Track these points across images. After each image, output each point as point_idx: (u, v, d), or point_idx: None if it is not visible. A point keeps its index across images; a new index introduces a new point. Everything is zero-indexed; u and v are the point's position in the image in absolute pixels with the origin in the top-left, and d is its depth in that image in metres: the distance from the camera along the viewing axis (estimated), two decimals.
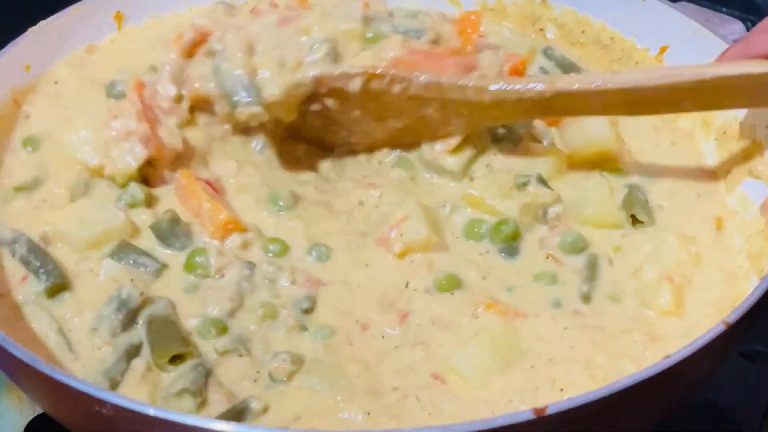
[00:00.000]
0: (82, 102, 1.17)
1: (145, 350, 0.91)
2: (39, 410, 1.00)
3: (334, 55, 1.06)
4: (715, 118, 1.14)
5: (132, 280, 0.96)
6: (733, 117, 1.11)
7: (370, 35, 1.10)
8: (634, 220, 1.05)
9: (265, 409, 0.86)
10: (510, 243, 1.01)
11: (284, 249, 1.01)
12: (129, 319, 0.92)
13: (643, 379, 0.76)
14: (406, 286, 0.97)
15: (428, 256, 1.00)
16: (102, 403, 0.75)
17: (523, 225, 1.03)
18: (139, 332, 0.92)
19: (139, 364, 0.89)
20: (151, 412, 0.74)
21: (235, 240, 1.00)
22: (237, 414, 0.86)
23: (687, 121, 1.17)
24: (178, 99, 1.09)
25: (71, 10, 1.24)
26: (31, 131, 1.14)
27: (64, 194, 1.05)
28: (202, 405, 0.86)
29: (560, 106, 1.02)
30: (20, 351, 0.80)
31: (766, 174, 1.04)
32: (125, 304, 0.92)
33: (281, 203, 1.05)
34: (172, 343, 0.90)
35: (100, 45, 1.27)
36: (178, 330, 0.92)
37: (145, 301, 0.94)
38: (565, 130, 1.13)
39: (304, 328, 0.94)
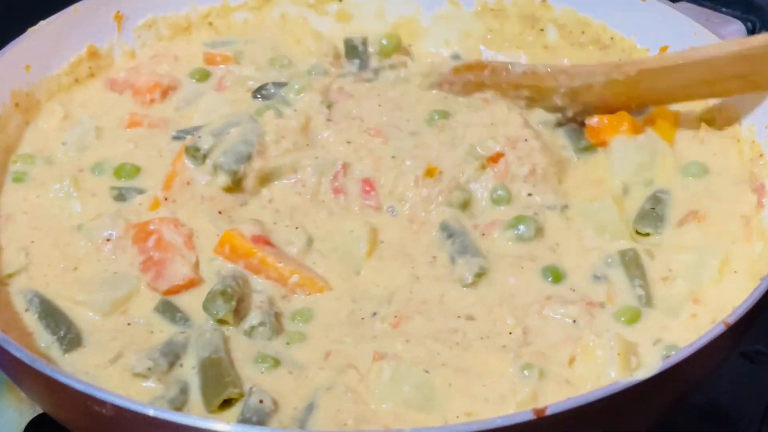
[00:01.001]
0: None
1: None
2: (39, 410, 0.99)
3: None
4: (716, 120, 1.14)
5: None
6: (734, 117, 1.11)
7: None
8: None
9: None
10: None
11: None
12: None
13: (643, 379, 0.76)
14: None
15: None
16: (102, 403, 0.75)
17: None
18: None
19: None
20: (151, 412, 0.74)
21: None
22: None
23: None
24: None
25: (71, 10, 1.24)
26: None
27: None
28: None
29: (646, 87, 1.09)
30: (20, 351, 0.80)
31: (765, 173, 1.04)
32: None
33: None
34: (221, 388, 0.86)
35: None
36: (228, 369, 0.88)
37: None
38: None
39: None
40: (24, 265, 1.01)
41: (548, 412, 0.73)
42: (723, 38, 1.13)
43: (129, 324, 0.94)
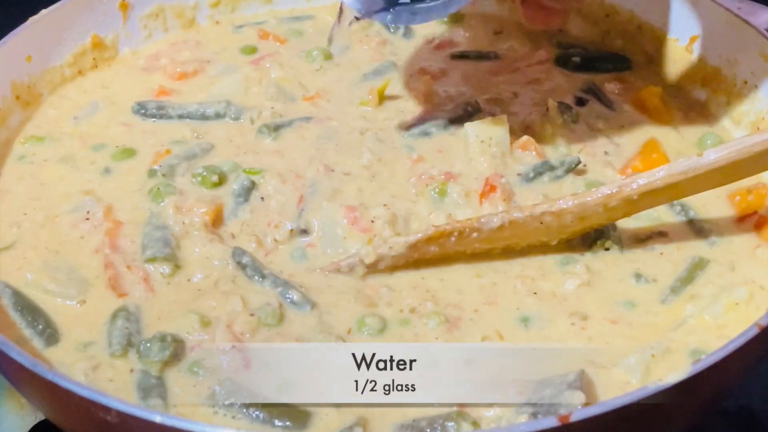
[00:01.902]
0: None
1: None
2: (42, 416, 0.98)
3: None
4: (748, 114, 1.12)
5: None
6: (767, 110, 1.09)
7: None
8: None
9: None
10: None
11: None
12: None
13: (673, 384, 0.73)
14: None
15: None
16: (107, 410, 0.74)
17: None
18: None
19: None
20: (158, 419, 0.73)
21: None
22: None
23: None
24: None
25: None
26: None
27: None
28: None
29: (647, 202, 0.95)
30: (22, 356, 0.78)
31: None
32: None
33: None
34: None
35: None
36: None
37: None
38: None
39: None
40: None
41: (573, 419, 0.71)
42: (755, 27, 1.10)
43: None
